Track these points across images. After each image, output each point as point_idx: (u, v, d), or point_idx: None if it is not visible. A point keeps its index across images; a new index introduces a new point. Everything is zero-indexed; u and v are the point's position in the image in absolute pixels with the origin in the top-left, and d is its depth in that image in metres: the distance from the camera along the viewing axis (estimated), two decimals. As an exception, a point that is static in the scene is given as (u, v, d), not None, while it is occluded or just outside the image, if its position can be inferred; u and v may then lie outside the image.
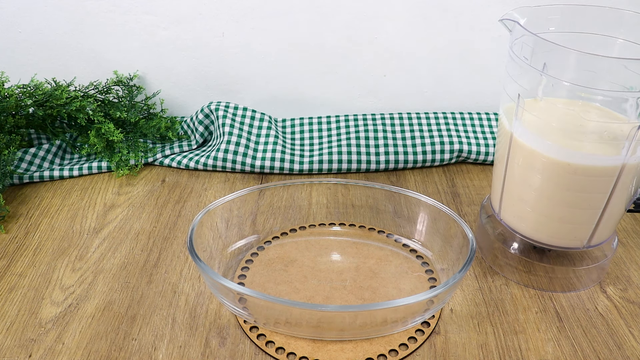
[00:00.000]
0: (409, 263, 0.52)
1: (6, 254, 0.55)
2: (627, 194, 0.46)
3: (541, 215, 0.48)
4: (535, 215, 0.48)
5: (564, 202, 0.46)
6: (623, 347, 0.45)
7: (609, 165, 0.43)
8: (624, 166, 0.43)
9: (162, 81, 0.80)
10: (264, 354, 0.44)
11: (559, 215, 0.47)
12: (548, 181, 0.45)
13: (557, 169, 0.44)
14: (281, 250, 0.55)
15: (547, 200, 0.46)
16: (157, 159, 0.73)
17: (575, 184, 0.44)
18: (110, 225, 0.60)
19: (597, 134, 0.43)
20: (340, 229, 0.58)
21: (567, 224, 0.47)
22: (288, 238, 0.57)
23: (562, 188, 0.45)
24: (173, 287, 0.51)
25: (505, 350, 0.44)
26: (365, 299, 0.47)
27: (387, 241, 0.56)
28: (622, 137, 0.42)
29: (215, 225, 0.54)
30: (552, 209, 0.47)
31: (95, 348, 0.44)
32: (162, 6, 0.75)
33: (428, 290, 0.42)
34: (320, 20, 0.75)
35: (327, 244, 0.55)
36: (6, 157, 0.65)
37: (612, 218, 0.48)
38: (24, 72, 0.77)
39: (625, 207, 0.48)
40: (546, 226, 0.48)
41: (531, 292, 0.51)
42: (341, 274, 0.50)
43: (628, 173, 0.44)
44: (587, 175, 0.44)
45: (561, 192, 0.45)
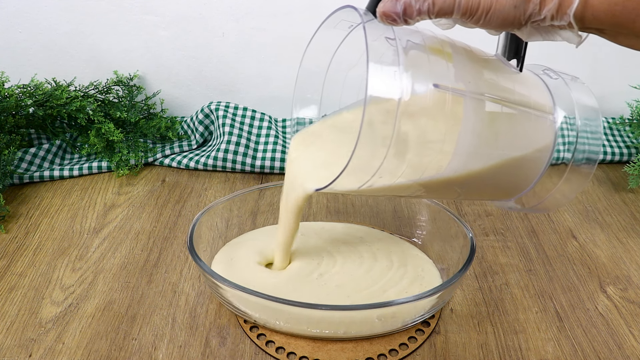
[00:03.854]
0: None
1: (6, 254, 0.55)
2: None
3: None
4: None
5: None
6: (623, 347, 0.45)
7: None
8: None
9: (162, 81, 0.80)
10: (264, 353, 0.44)
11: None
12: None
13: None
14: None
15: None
16: (157, 159, 0.73)
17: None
18: (110, 225, 0.60)
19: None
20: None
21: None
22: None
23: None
24: (173, 287, 0.51)
25: (505, 350, 0.44)
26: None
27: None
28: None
29: (215, 225, 0.54)
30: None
31: (96, 348, 0.44)
32: (162, 6, 0.75)
33: (428, 290, 0.42)
34: (320, 20, 0.75)
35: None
36: (6, 157, 0.65)
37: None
38: (24, 72, 0.77)
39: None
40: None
41: (531, 292, 0.51)
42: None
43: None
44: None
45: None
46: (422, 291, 0.43)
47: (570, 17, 0.32)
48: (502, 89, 0.39)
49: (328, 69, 0.45)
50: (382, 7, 0.33)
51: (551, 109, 0.41)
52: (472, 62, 0.39)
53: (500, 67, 0.40)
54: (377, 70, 0.34)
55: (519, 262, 0.55)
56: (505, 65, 0.41)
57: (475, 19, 0.33)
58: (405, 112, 0.35)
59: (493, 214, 0.63)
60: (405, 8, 0.33)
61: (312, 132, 0.47)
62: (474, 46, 0.41)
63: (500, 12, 0.33)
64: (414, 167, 0.37)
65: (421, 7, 0.32)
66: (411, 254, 0.53)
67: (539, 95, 0.41)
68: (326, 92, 0.47)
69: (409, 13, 0.33)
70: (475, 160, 0.39)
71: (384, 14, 0.33)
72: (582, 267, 0.54)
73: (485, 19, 0.33)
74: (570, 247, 0.57)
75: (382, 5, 0.34)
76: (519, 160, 0.41)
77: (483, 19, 0.33)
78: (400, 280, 0.49)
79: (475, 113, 0.38)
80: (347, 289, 0.48)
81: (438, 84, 0.36)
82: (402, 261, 0.52)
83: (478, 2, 0.32)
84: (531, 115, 0.40)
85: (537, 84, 0.42)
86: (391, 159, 0.36)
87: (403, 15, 0.33)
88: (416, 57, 0.36)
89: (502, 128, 0.39)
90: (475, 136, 0.38)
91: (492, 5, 0.33)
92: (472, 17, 0.33)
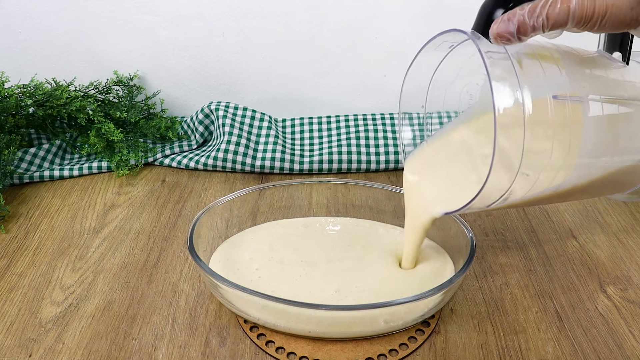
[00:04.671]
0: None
1: (6, 254, 0.55)
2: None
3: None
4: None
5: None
6: (623, 347, 0.45)
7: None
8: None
9: (162, 81, 0.80)
10: (264, 353, 0.44)
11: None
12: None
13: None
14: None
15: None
16: (157, 159, 0.73)
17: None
18: (110, 225, 0.60)
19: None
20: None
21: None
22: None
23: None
24: (173, 287, 0.51)
25: (505, 350, 0.44)
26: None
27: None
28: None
29: (215, 225, 0.54)
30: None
31: (95, 348, 0.44)
32: (162, 6, 0.75)
33: (428, 290, 0.42)
34: (320, 20, 0.76)
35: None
36: (6, 157, 0.65)
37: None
38: (24, 72, 0.77)
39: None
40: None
41: (531, 292, 0.51)
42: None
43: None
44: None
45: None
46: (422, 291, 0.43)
47: None
48: (614, 87, 0.39)
49: (429, 90, 0.46)
50: (496, 29, 0.33)
51: None
52: (581, 64, 0.39)
53: (607, 64, 0.40)
54: (500, 88, 0.34)
55: (519, 262, 0.55)
56: (611, 61, 0.40)
57: (590, 26, 0.32)
58: (530, 125, 0.35)
59: (493, 214, 0.63)
60: (519, 26, 0.32)
61: (426, 154, 0.48)
62: (576, 46, 0.40)
63: (617, 15, 0.32)
64: (542, 180, 0.37)
65: (535, 24, 0.32)
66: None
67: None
68: (428, 111, 0.48)
69: (523, 31, 0.32)
70: (598, 163, 0.39)
71: (498, 36, 0.33)
72: (582, 267, 0.54)
73: (600, 24, 0.32)
74: (570, 247, 0.57)
75: (495, 27, 0.33)
76: (638, 155, 0.41)
77: (598, 25, 0.32)
78: (400, 280, 0.49)
79: (594, 117, 0.38)
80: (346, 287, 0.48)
81: (557, 94, 0.36)
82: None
83: (592, 9, 0.32)
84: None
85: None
86: (520, 176, 0.36)
87: (517, 33, 0.33)
88: (531, 68, 0.36)
89: (620, 127, 0.39)
90: (597, 140, 0.38)
91: (608, 9, 0.32)
92: (587, 24, 0.32)
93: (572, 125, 0.37)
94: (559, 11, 0.32)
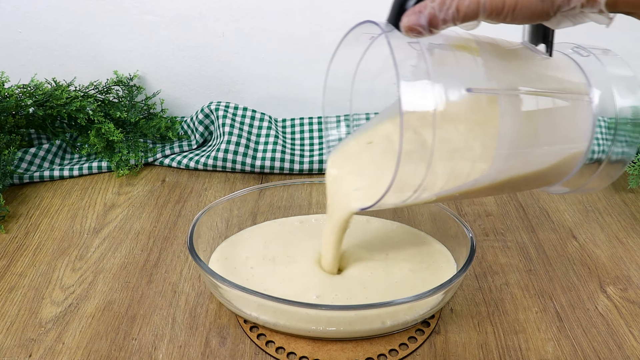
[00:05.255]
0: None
1: (6, 254, 0.55)
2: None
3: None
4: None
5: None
6: (623, 347, 0.45)
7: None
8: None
9: (162, 81, 0.80)
10: (264, 353, 0.44)
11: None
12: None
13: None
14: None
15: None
16: (157, 159, 0.73)
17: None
18: (110, 225, 0.60)
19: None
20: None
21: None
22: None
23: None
24: (173, 287, 0.51)
25: (505, 350, 0.44)
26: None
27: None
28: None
29: (215, 225, 0.54)
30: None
31: (95, 348, 0.44)
32: (162, 6, 0.75)
33: (428, 290, 0.42)
34: (320, 20, 0.75)
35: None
36: (6, 157, 0.65)
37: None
38: (24, 72, 0.77)
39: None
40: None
41: (531, 292, 0.51)
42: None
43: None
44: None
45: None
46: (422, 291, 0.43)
47: (602, 5, 0.31)
48: (535, 80, 0.38)
49: (354, 83, 0.45)
50: (407, 22, 0.33)
51: (587, 90, 0.40)
52: (500, 56, 0.38)
53: (530, 56, 0.39)
54: (409, 87, 0.33)
55: (519, 262, 0.55)
56: (534, 53, 0.40)
57: (502, 17, 0.32)
58: (441, 122, 0.34)
59: (493, 214, 0.63)
60: (430, 19, 0.32)
61: (348, 148, 0.47)
62: (498, 37, 0.39)
63: (527, 7, 0.32)
64: (456, 175, 0.37)
65: (446, 16, 0.32)
66: (411, 254, 0.53)
67: (572, 78, 0.40)
68: (354, 105, 0.47)
69: (435, 23, 0.32)
70: (518, 157, 0.38)
71: (409, 29, 0.33)
72: (582, 267, 0.54)
73: (512, 16, 0.32)
74: (570, 247, 0.57)
75: (405, 19, 0.33)
76: (562, 148, 0.40)
77: (510, 16, 0.32)
78: (400, 280, 0.49)
79: (511, 110, 0.37)
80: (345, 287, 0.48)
81: (471, 87, 0.35)
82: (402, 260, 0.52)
83: (502, 1, 0.32)
84: (567, 101, 0.39)
85: (568, 66, 0.41)
86: (433, 171, 0.35)
87: (429, 26, 0.32)
88: (444, 61, 0.35)
89: (540, 120, 0.38)
90: (515, 134, 0.37)
91: (518, 2, 0.32)
92: (499, 16, 0.32)
93: (487, 119, 0.36)
94: (468, 3, 0.31)
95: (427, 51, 0.34)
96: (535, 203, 0.65)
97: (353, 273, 0.50)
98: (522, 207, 0.64)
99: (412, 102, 0.33)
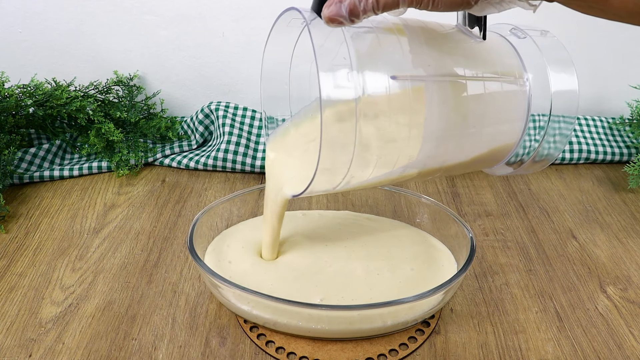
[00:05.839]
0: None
1: (6, 254, 0.55)
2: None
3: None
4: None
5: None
6: (623, 347, 0.45)
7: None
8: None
9: (162, 81, 0.80)
10: (264, 353, 0.44)
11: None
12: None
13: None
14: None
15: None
16: (157, 159, 0.73)
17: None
18: (110, 225, 0.60)
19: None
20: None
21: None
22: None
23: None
24: (173, 287, 0.51)
25: (505, 350, 0.44)
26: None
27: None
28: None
29: (215, 225, 0.54)
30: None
31: (95, 348, 0.44)
32: (162, 6, 0.75)
33: (428, 290, 0.42)
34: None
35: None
36: (6, 157, 0.65)
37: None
38: (24, 72, 0.77)
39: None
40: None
41: (531, 292, 0.51)
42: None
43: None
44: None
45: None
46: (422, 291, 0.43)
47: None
48: (466, 65, 0.37)
49: (290, 67, 0.44)
50: (328, 13, 0.33)
51: (521, 73, 0.39)
52: (429, 41, 0.37)
53: (462, 40, 0.38)
54: (329, 77, 0.33)
55: (519, 262, 0.55)
56: (468, 36, 0.39)
57: (424, 6, 0.32)
58: (365, 111, 0.34)
59: (493, 214, 0.63)
60: (351, 9, 0.32)
61: (285, 133, 0.47)
62: (431, 21, 0.39)
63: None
64: (384, 162, 0.36)
65: (366, 6, 0.32)
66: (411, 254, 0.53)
67: (506, 61, 0.39)
68: (293, 88, 0.46)
69: (355, 13, 0.32)
70: (449, 142, 0.38)
71: (329, 19, 0.33)
72: (582, 267, 0.54)
73: (432, 4, 0.32)
74: (570, 247, 0.57)
75: (326, 10, 0.33)
76: (495, 132, 0.39)
77: (431, 4, 0.32)
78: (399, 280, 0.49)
79: (439, 97, 0.36)
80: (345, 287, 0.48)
81: (396, 75, 0.35)
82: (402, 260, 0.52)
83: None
84: (500, 85, 0.38)
85: (503, 49, 0.40)
86: (358, 160, 0.35)
87: (349, 16, 0.32)
88: (370, 48, 0.35)
89: (470, 106, 0.37)
90: (443, 120, 0.36)
91: None
92: (419, 4, 0.32)
93: (413, 106, 0.35)
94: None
95: (350, 39, 0.34)
96: (535, 203, 0.65)
97: (360, 273, 0.50)
98: (522, 207, 0.64)
99: (332, 91, 0.33)
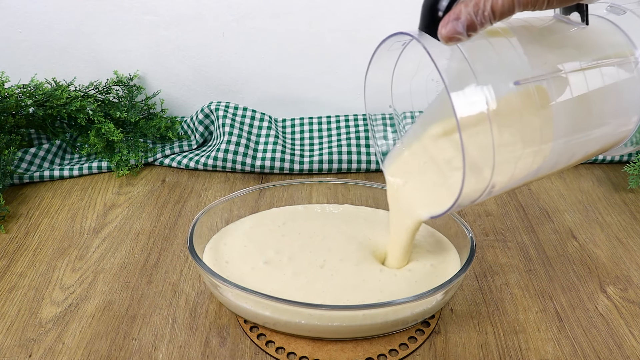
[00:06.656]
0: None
1: (6, 254, 0.55)
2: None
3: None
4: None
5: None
6: (623, 347, 0.45)
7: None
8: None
9: (162, 81, 0.80)
10: (264, 353, 0.44)
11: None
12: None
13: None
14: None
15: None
16: (157, 159, 0.73)
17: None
18: (110, 225, 0.60)
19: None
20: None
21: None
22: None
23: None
24: (173, 287, 0.51)
25: (505, 350, 0.44)
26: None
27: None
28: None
29: (215, 225, 0.54)
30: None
31: (95, 348, 0.44)
32: (162, 6, 0.75)
33: (428, 290, 0.42)
34: (320, 20, 0.75)
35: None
36: (6, 157, 0.65)
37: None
38: (24, 72, 0.77)
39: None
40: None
41: (531, 292, 0.51)
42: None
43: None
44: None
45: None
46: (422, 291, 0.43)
47: None
48: (579, 55, 0.37)
49: (392, 88, 0.44)
50: (445, 32, 0.33)
51: (631, 50, 0.39)
52: (537, 38, 0.37)
53: (566, 30, 0.38)
54: (460, 96, 0.33)
55: (519, 262, 0.55)
56: (569, 25, 0.39)
57: (539, 5, 0.32)
58: (496, 121, 0.34)
59: (493, 214, 0.63)
60: (468, 25, 0.32)
61: (403, 157, 0.47)
62: (530, 17, 0.38)
63: None
64: (521, 167, 0.36)
65: (483, 19, 0.32)
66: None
67: (613, 41, 0.39)
68: (396, 108, 0.46)
69: (473, 28, 0.32)
70: (576, 135, 0.38)
71: (448, 38, 0.33)
72: (582, 267, 0.54)
73: (548, 3, 0.32)
74: (570, 247, 0.57)
75: (443, 30, 0.33)
76: (619, 115, 0.39)
77: (546, 3, 0.32)
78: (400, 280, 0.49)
79: (561, 93, 0.36)
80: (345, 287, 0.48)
81: (518, 80, 0.35)
82: None
83: None
84: (616, 67, 0.38)
85: (606, 29, 0.40)
86: (498, 172, 0.35)
87: (467, 31, 0.32)
88: (485, 60, 0.35)
89: (592, 95, 0.37)
90: (569, 115, 0.36)
91: None
92: (535, 5, 0.32)
93: (540, 108, 0.35)
94: (502, 2, 0.31)
95: (466, 52, 0.34)
96: (535, 203, 0.65)
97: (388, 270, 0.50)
98: (522, 207, 0.64)
99: (464, 109, 0.33)
